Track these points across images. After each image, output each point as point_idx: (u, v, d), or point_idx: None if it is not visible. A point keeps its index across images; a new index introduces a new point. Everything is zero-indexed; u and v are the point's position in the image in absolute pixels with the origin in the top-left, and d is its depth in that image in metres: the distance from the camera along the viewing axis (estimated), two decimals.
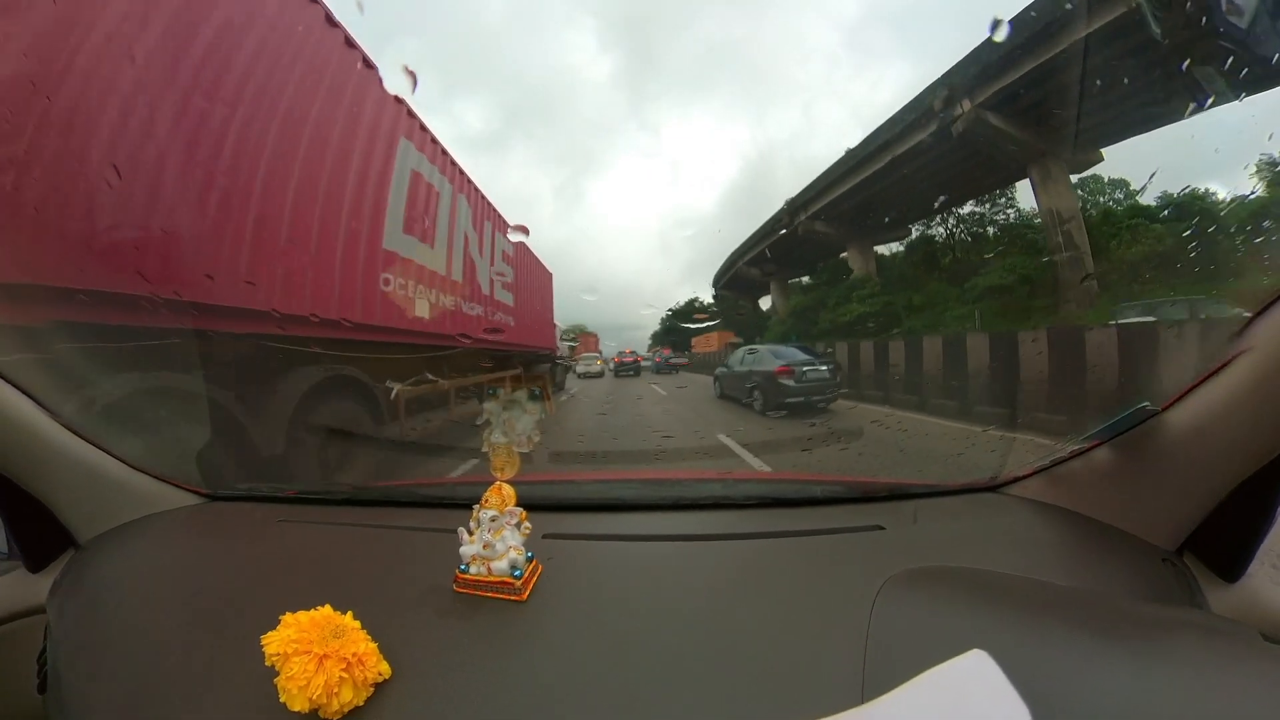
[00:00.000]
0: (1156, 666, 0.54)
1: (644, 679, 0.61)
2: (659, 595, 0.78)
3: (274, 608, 0.64)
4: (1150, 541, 0.85)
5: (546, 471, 2.15)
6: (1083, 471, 0.98)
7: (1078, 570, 0.84)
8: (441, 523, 0.97)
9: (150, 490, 1.22)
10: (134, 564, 1.00)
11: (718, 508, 1.15)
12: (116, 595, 0.91)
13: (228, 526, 1.21)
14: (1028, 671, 0.50)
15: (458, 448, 4.25)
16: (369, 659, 0.60)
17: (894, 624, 0.65)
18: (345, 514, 1.23)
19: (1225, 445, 0.75)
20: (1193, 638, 0.60)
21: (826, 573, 0.86)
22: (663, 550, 0.96)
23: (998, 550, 0.92)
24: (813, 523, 1.04)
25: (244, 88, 3.08)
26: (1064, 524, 0.96)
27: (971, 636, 0.56)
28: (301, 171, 3.47)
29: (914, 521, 1.03)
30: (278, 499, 1.33)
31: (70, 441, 1.04)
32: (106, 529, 1.10)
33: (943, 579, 0.77)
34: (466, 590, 0.78)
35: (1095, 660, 0.54)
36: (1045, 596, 0.72)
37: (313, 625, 0.62)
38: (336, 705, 0.56)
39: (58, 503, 1.03)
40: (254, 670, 0.60)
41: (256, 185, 3.13)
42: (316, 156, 3.62)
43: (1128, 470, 0.90)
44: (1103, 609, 0.68)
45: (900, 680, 0.51)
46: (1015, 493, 1.11)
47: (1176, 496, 0.83)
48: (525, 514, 0.84)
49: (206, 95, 2.86)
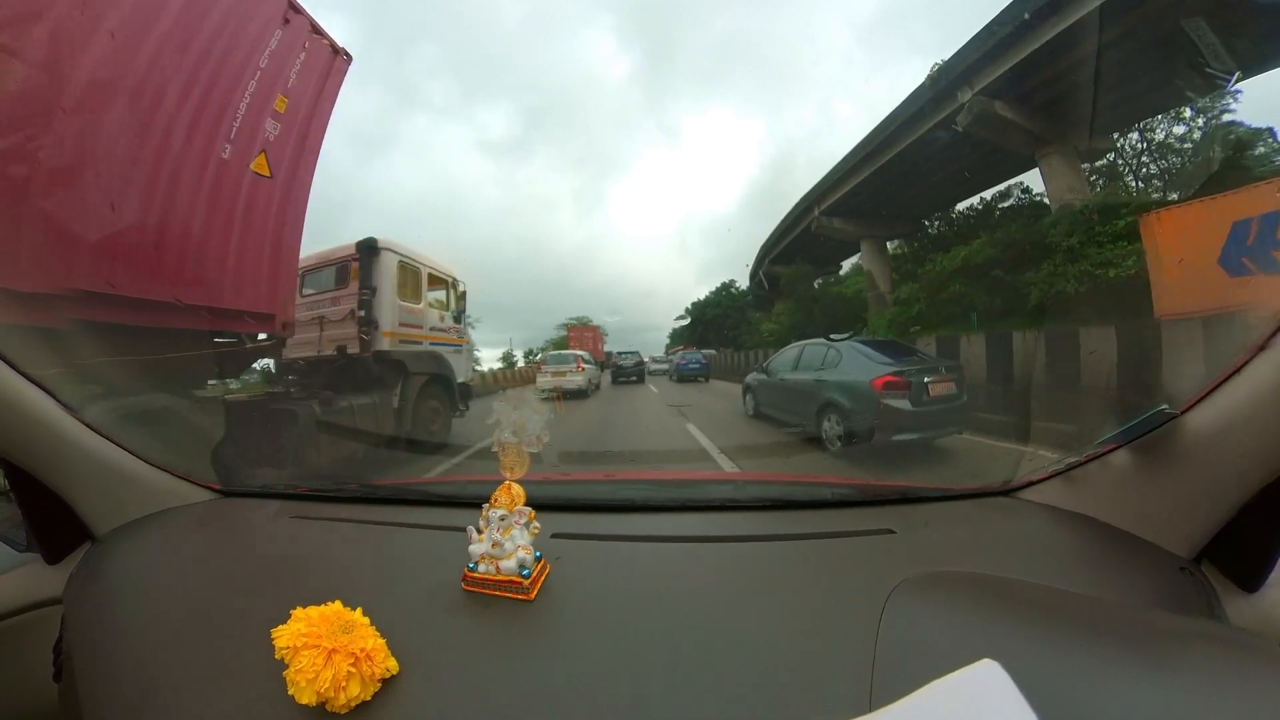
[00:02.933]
0: (1172, 679, 0.53)
1: (650, 680, 0.61)
2: (667, 596, 0.78)
3: (285, 602, 0.65)
4: (1167, 549, 0.83)
5: (556, 471, 2.16)
6: (1099, 476, 0.97)
7: (1092, 578, 0.83)
8: (451, 521, 0.97)
9: (165, 485, 1.24)
10: (148, 557, 1.02)
11: (727, 509, 1.15)
12: (131, 587, 0.92)
13: (241, 522, 1.23)
14: (1039, 682, 0.49)
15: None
16: (377, 655, 0.61)
17: (903, 630, 0.64)
18: (356, 511, 1.24)
19: (1246, 449, 0.73)
20: (1210, 650, 0.59)
21: (836, 577, 0.85)
22: (671, 551, 0.96)
23: (1010, 556, 0.91)
24: (822, 526, 1.03)
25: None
26: (1079, 530, 0.95)
27: (982, 644, 0.55)
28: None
29: (925, 526, 1.02)
30: (290, 495, 1.35)
31: (88, 437, 1.06)
32: (122, 523, 1.12)
33: (954, 585, 0.76)
34: (475, 589, 0.78)
35: (1109, 672, 0.53)
36: (1058, 604, 0.71)
37: (323, 620, 0.62)
38: (344, 699, 0.57)
39: (75, 497, 1.05)
40: (264, 663, 0.60)
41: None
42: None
43: (1145, 475, 0.88)
44: (1117, 618, 0.67)
45: (909, 688, 0.51)
46: (1029, 497, 1.10)
47: (1195, 503, 0.81)
48: (534, 513, 0.84)
49: None
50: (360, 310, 5.65)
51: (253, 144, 4.28)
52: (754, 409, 7.36)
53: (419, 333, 6.54)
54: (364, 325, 5.63)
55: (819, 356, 5.97)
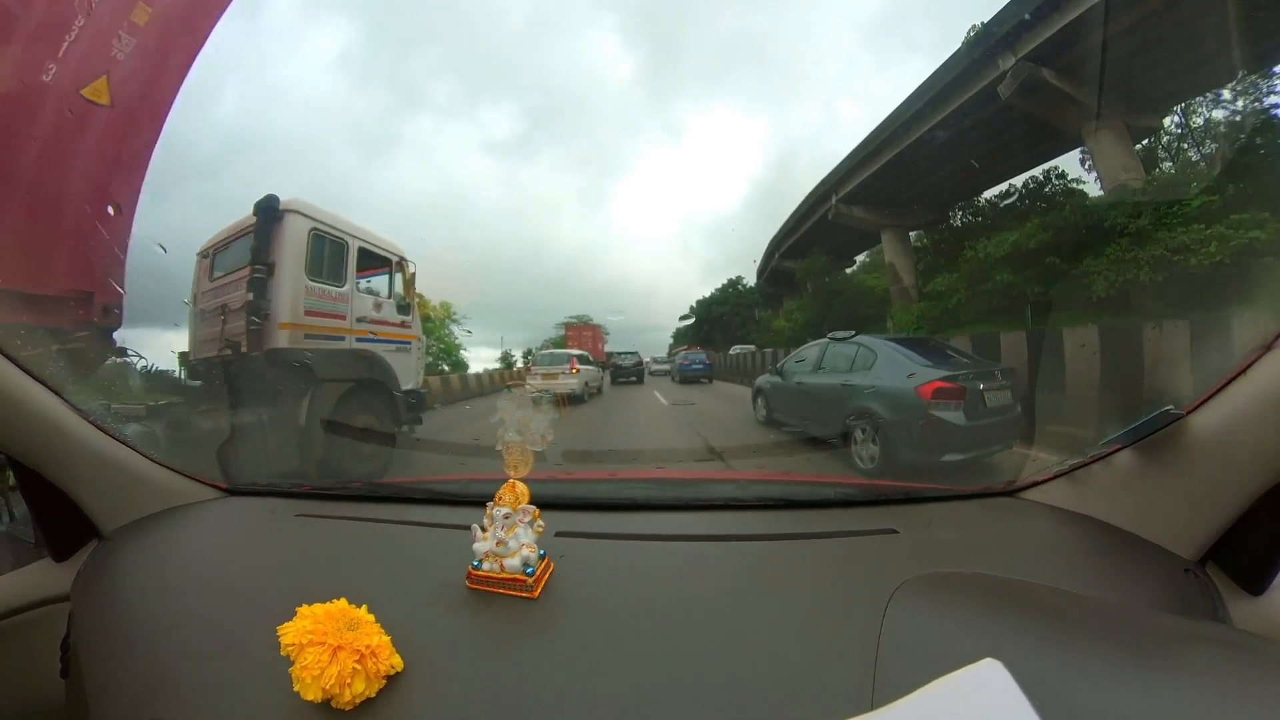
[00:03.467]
0: (1176, 682, 0.53)
1: (653, 679, 0.61)
2: (670, 595, 0.78)
3: (290, 599, 0.66)
4: (1172, 551, 0.83)
5: (560, 470, 2.16)
6: (1103, 476, 0.97)
7: (1096, 579, 0.83)
8: (455, 519, 0.98)
9: (172, 484, 1.24)
10: (155, 555, 1.03)
11: (730, 508, 1.15)
12: (138, 585, 0.93)
13: (246, 520, 1.23)
14: (1041, 682, 0.49)
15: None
16: (382, 652, 0.61)
17: (906, 629, 0.64)
18: (361, 509, 1.25)
19: (1252, 450, 0.73)
20: (1214, 652, 0.58)
21: (839, 576, 0.85)
22: (675, 550, 0.96)
23: (1014, 556, 0.91)
24: (826, 525, 1.03)
25: None
26: (1083, 531, 0.94)
27: (985, 644, 0.55)
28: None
29: (928, 526, 1.02)
30: (295, 494, 1.35)
31: (95, 437, 1.07)
32: (129, 521, 1.12)
33: (957, 585, 0.76)
34: (479, 587, 0.78)
35: (1111, 673, 0.53)
36: (1061, 605, 0.71)
37: (328, 617, 0.63)
38: (349, 696, 0.57)
39: (83, 495, 1.06)
40: (269, 660, 0.61)
41: None
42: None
43: (1150, 476, 0.88)
44: (1121, 620, 0.67)
45: (911, 687, 0.51)
46: (1033, 498, 1.09)
47: (1200, 504, 0.81)
48: (538, 512, 0.84)
49: None
50: (250, 293, 4.23)
51: (90, 64, 3.16)
52: (765, 415, 6.55)
53: (339, 325, 4.93)
54: (253, 314, 4.22)
55: (846, 357, 5.09)
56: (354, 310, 5.14)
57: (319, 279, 4.74)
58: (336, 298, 4.94)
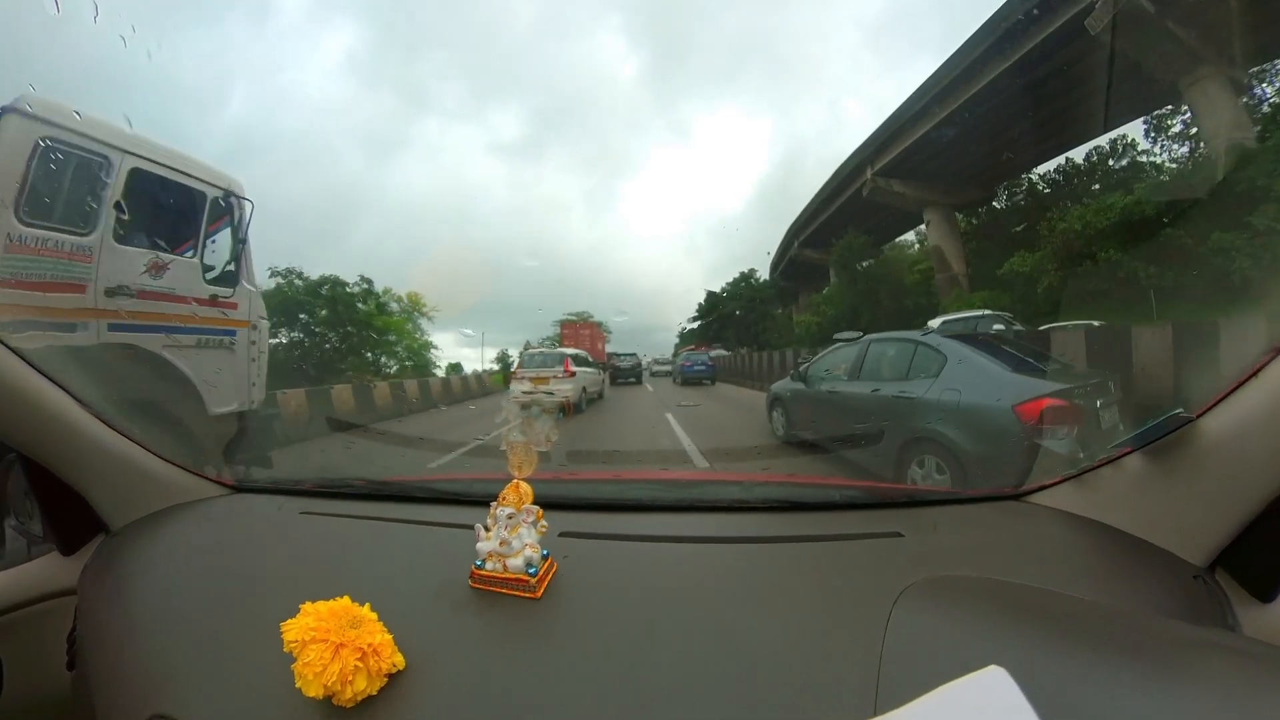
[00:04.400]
0: (1184, 690, 0.52)
1: (655, 680, 0.61)
2: (673, 597, 0.78)
3: (294, 596, 0.66)
4: (1181, 556, 0.82)
5: (564, 470, 2.16)
6: (1112, 481, 0.96)
7: (1103, 585, 0.82)
8: (459, 519, 0.98)
9: (179, 481, 1.25)
10: (161, 551, 1.03)
11: (734, 510, 1.15)
12: (144, 580, 0.94)
13: (252, 517, 1.24)
14: (1047, 691, 0.48)
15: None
16: (384, 650, 0.61)
17: (910, 635, 0.64)
18: (365, 508, 1.25)
19: (1264, 455, 0.72)
20: (1223, 660, 0.57)
21: (843, 579, 0.84)
22: (678, 552, 0.96)
23: (1020, 561, 0.90)
24: (830, 528, 1.03)
25: None
26: (1090, 535, 0.93)
27: (990, 651, 0.55)
28: None
29: (934, 529, 1.01)
30: (300, 492, 1.36)
31: (104, 433, 1.08)
32: (136, 517, 1.13)
33: (962, 590, 0.75)
34: (482, 586, 0.78)
35: (1118, 681, 0.52)
36: (1068, 611, 0.70)
37: (331, 615, 0.63)
38: (350, 693, 0.57)
39: (91, 491, 1.07)
40: (272, 656, 0.61)
41: None
42: None
43: (1159, 480, 0.87)
44: (1128, 627, 0.66)
45: (914, 693, 0.50)
46: (1040, 501, 1.08)
47: (1210, 509, 0.80)
48: (542, 512, 0.84)
49: None
50: None
51: None
52: (785, 429, 5.38)
53: (71, 302, 3.06)
54: None
55: (903, 359, 3.87)
56: (104, 274, 3.17)
57: (42, 222, 2.98)
58: (71, 253, 3.05)
